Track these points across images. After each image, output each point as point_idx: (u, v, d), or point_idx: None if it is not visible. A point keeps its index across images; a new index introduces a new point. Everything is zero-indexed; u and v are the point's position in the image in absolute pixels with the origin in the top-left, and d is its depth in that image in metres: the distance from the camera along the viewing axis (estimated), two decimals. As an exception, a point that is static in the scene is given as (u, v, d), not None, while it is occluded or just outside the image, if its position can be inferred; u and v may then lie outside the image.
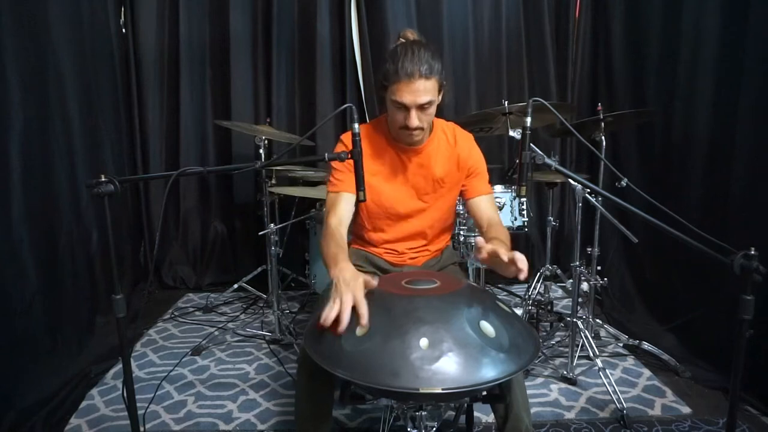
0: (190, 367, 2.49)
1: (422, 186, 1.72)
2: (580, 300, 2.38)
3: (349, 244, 1.89)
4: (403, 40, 1.62)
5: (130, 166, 3.50)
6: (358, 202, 1.52)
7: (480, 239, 1.35)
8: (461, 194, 1.78)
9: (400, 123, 1.59)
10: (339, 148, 1.64)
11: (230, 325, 3.00)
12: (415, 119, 1.55)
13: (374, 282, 1.23)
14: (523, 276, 1.22)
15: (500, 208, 2.58)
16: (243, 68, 3.57)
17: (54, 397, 2.08)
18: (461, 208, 2.41)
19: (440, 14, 3.52)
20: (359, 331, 1.10)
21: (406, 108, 1.54)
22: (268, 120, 3.37)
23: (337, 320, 1.10)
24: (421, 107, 1.54)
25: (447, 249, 1.90)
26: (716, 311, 2.31)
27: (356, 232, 1.85)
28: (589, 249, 2.49)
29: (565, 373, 2.32)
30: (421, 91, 1.51)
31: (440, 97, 1.61)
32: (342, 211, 1.62)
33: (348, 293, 1.14)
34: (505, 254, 1.22)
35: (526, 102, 1.37)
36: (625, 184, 2.00)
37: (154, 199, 3.70)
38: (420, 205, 1.73)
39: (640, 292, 3.04)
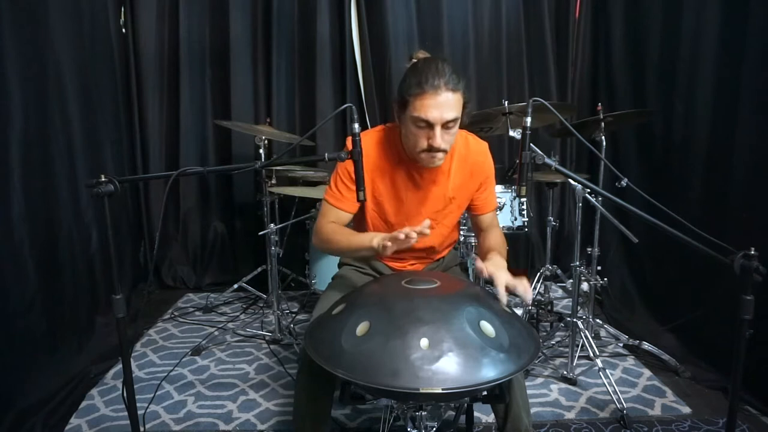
0: (190, 367, 2.49)
1: (433, 203, 1.64)
2: (580, 300, 2.38)
3: None
4: (421, 57, 1.53)
5: (130, 166, 3.49)
6: (358, 201, 1.50)
7: (480, 264, 1.41)
8: (469, 207, 1.71)
9: (421, 145, 1.46)
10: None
11: (230, 325, 3.00)
12: (440, 139, 1.42)
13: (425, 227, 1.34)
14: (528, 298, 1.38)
15: (500, 208, 2.58)
16: (243, 68, 3.57)
17: (54, 397, 2.08)
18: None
19: (440, 14, 3.52)
20: (359, 331, 1.10)
21: (429, 126, 1.42)
22: (268, 120, 3.37)
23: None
24: (446, 126, 1.43)
25: (449, 253, 1.87)
26: (716, 311, 2.31)
27: None
28: (589, 249, 2.49)
29: (565, 373, 2.32)
30: (449, 104, 1.40)
31: (462, 118, 1.49)
32: (341, 222, 1.62)
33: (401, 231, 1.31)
34: (501, 285, 1.34)
35: (526, 102, 1.37)
36: (625, 184, 2.00)
37: (154, 199, 3.70)
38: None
39: (640, 292, 3.04)
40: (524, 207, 2.61)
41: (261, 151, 2.77)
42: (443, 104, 1.40)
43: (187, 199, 3.72)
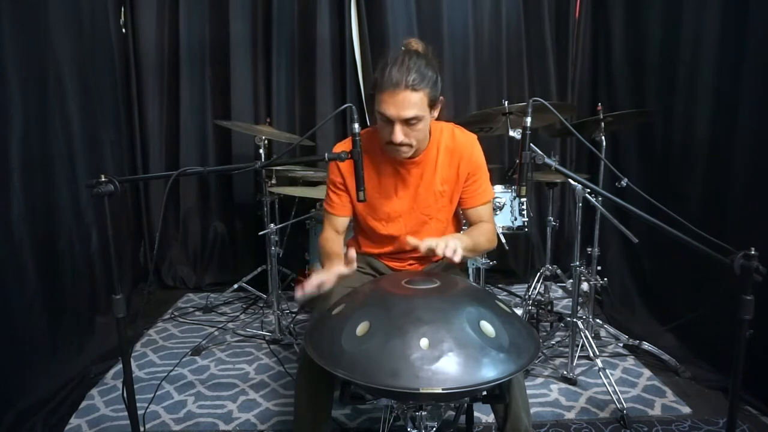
0: (190, 367, 2.49)
1: (423, 198, 1.64)
2: (580, 300, 2.38)
3: (351, 244, 1.89)
4: (403, 49, 1.53)
5: (130, 166, 3.50)
6: (357, 201, 1.50)
7: (411, 240, 1.43)
8: (459, 201, 1.70)
9: (385, 138, 1.50)
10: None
11: (230, 325, 3.00)
12: (399, 134, 1.45)
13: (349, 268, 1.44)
14: (456, 258, 1.35)
15: (500, 208, 2.58)
16: (243, 68, 3.57)
17: (54, 397, 2.08)
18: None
19: (440, 14, 3.52)
20: (360, 331, 1.10)
21: (390, 121, 1.45)
22: (268, 120, 3.37)
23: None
24: (407, 122, 1.44)
25: None
26: (716, 311, 2.31)
27: (357, 235, 1.83)
28: (589, 249, 2.49)
29: (565, 373, 2.32)
30: (406, 103, 1.40)
31: (435, 113, 1.52)
32: (338, 227, 1.73)
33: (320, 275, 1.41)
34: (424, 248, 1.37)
35: (526, 102, 1.37)
36: (625, 184, 2.00)
37: (154, 199, 3.70)
38: (422, 219, 1.67)
39: (640, 292, 3.04)
40: (524, 207, 2.61)
41: (261, 151, 2.77)
42: (401, 102, 1.41)
43: (187, 199, 3.72)
